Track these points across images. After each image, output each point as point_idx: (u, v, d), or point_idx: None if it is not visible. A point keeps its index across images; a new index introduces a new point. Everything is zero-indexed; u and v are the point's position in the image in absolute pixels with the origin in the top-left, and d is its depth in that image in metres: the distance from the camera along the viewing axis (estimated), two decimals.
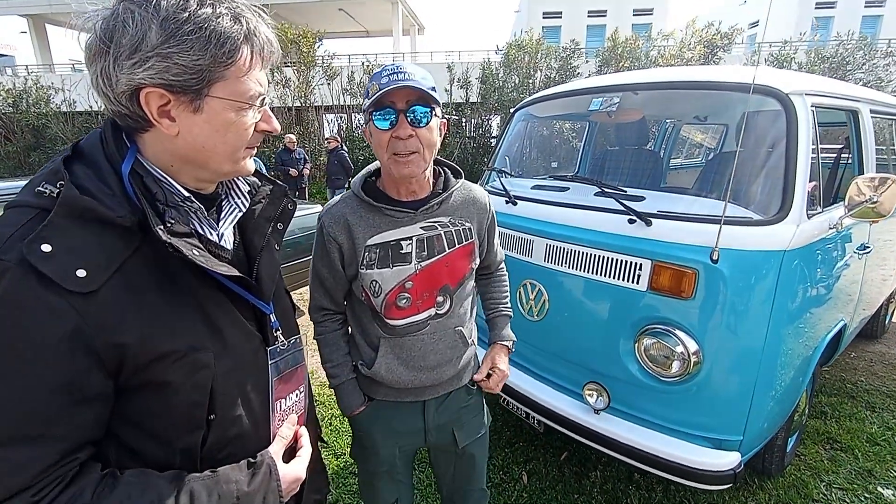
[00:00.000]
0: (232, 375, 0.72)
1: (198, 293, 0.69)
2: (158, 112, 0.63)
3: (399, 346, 1.21)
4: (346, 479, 2.26)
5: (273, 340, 0.82)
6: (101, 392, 0.60)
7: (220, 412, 0.71)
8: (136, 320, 0.61)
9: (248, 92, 0.67)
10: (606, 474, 2.23)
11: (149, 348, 0.62)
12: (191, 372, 0.66)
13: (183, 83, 0.62)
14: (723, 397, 1.63)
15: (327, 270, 1.20)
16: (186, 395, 0.66)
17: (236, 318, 0.74)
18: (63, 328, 0.56)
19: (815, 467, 2.30)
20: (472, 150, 12.26)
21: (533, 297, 2.01)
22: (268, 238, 0.83)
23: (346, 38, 24.99)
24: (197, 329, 0.68)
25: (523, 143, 3.09)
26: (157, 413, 0.66)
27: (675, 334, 1.61)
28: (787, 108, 1.68)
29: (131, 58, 0.59)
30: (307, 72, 12.58)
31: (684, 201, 1.87)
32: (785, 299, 1.60)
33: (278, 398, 0.82)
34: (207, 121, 0.65)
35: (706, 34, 12.03)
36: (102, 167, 0.64)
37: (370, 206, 1.15)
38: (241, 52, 0.65)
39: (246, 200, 0.82)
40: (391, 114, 1.03)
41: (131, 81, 0.60)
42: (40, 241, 0.55)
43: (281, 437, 0.81)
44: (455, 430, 1.34)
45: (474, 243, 1.25)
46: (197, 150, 0.67)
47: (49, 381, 0.56)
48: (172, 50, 0.59)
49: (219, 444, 0.72)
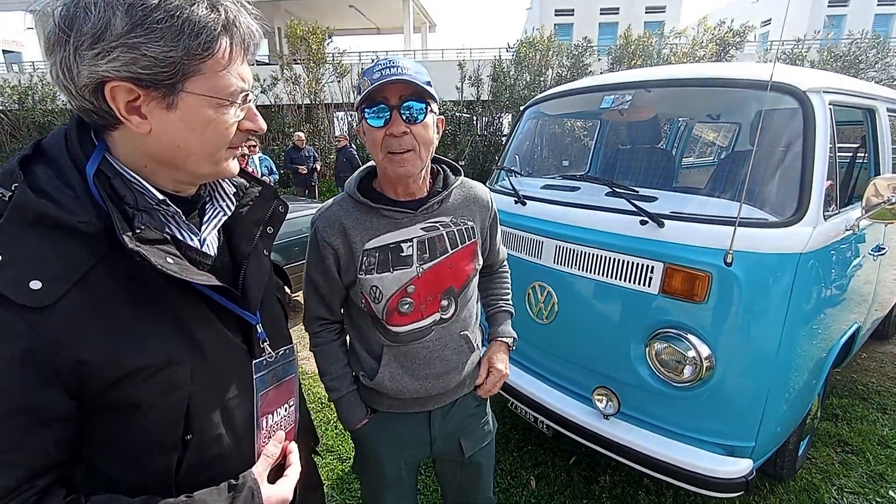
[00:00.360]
0: (212, 391, 0.67)
1: (174, 304, 0.64)
2: (127, 108, 0.57)
3: (403, 355, 1.15)
4: (351, 484, 2.24)
5: (260, 352, 0.76)
6: (62, 413, 0.55)
7: (199, 431, 0.65)
8: (101, 336, 0.56)
9: (229, 88, 0.62)
10: (616, 479, 2.20)
11: (115, 366, 0.57)
12: (165, 390, 0.61)
13: (153, 77, 0.56)
14: (735, 403, 1.59)
15: (322, 277, 1.14)
16: (160, 415, 0.61)
17: (218, 329, 0.69)
18: (14, 347, 0.51)
19: (826, 471, 2.25)
20: (482, 149, 12.20)
21: (542, 300, 1.98)
22: (256, 243, 0.78)
23: (356, 35, 25.04)
24: (172, 343, 0.63)
25: (533, 141, 3.06)
26: (127, 434, 0.61)
27: (687, 339, 1.58)
28: (805, 105, 1.63)
29: (93, 47, 0.53)
30: (317, 69, 12.59)
31: (697, 202, 1.83)
32: (800, 303, 1.56)
33: (265, 413, 0.77)
34: (183, 118, 0.60)
35: (718, 32, 11.87)
36: (65, 168, 0.58)
37: (367, 207, 1.09)
38: (219, 43, 0.59)
39: (231, 203, 0.77)
40: (384, 110, 0.98)
41: (94, 74, 0.54)
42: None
43: (266, 455, 0.75)
44: (462, 438, 1.29)
45: (477, 242, 1.21)
46: (172, 149, 0.62)
47: (1, 404, 0.51)
48: (140, 40, 0.54)
49: (197, 465, 0.66)
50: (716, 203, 1.77)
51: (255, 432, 0.75)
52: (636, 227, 1.70)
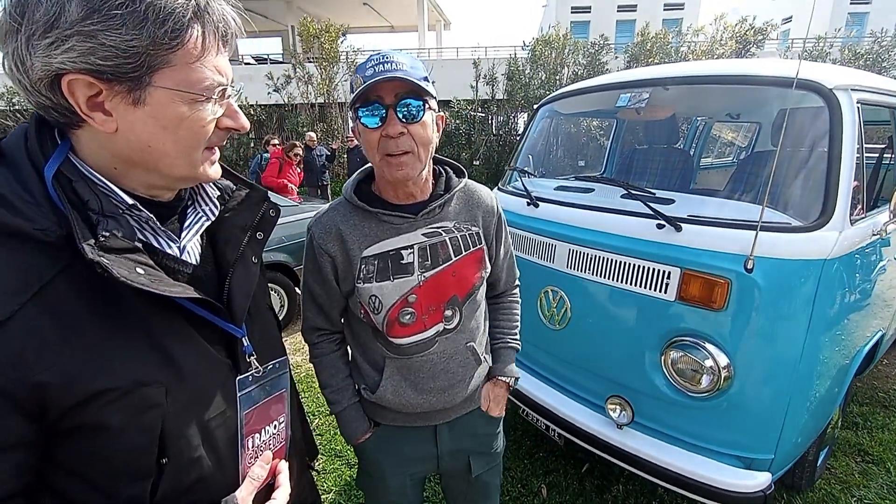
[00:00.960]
0: (190, 411, 0.62)
1: (147, 318, 0.59)
2: (88, 104, 0.52)
3: (406, 368, 1.09)
4: (359, 491, 2.22)
5: (246, 367, 0.71)
6: (21, 439, 0.51)
7: (175, 455, 0.61)
8: (61, 355, 0.51)
9: (203, 82, 0.56)
10: (629, 489, 2.15)
11: (78, 387, 0.52)
12: (136, 412, 0.56)
13: (115, 69, 0.51)
14: (754, 414, 1.53)
15: (320, 286, 1.09)
16: (131, 438, 0.56)
17: (198, 344, 0.64)
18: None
19: (845, 481, 2.18)
20: (497, 148, 12.13)
21: (554, 305, 1.94)
22: (243, 250, 0.73)
23: (370, 33, 25.09)
24: (144, 361, 0.58)
25: (547, 141, 3.01)
26: (95, 459, 0.56)
27: (705, 347, 1.52)
28: (831, 104, 1.56)
29: (46, 36, 0.49)
30: (330, 67, 12.63)
31: (716, 205, 1.77)
32: (823, 311, 1.49)
33: (251, 433, 0.71)
34: (153, 115, 0.55)
35: (738, 29, 11.63)
36: (23, 170, 0.54)
37: (364, 212, 1.03)
38: (190, 32, 0.54)
39: (215, 207, 0.72)
40: (379, 109, 0.91)
41: (48, 66, 0.50)
42: None
43: (251, 478, 0.70)
44: (471, 457, 1.24)
45: (483, 249, 1.14)
46: (142, 150, 0.56)
47: None
48: (97, 27, 0.49)
49: (174, 491, 0.61)
50: (736, 206, 1.71)
51: (239, 453, 0.70)
52: (652, 231, 1.64)
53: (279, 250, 3.80)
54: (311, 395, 3.05)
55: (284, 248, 3.85)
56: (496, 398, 1.26)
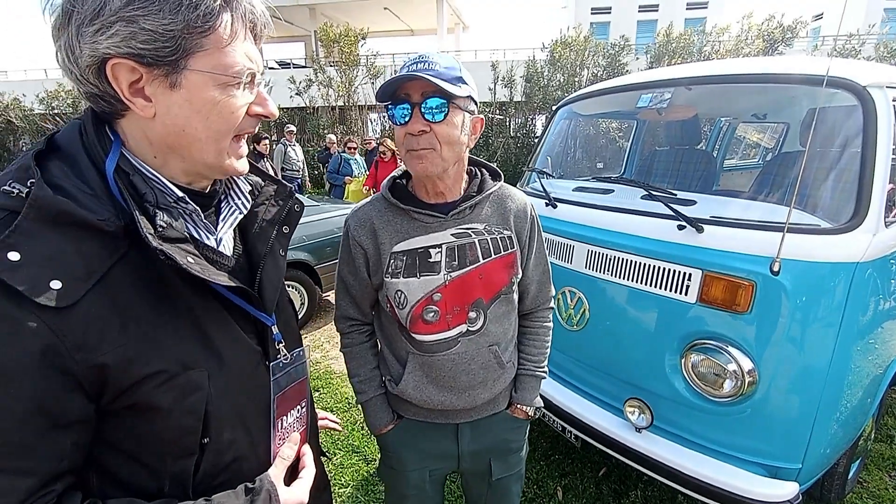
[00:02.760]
0: (228, 395, 0.65)
1: (192, 305, 0.62)
2: (130, 90, 0.56)
3: (428, 365, 1.11)
4: (376, 486, 2.23)
5: (275, 354, 0.75)
6: (81, 416, 0.54)
7: (216, 435, 0.64)
8: (120, 338, 0.54)
9: (234, 66, 0.59)
10: (648, 494, 2.11)
11: (134, 369, 0.55)
12: (182, 394, 0.60)
13: (155, 53, 0.54)
14: (780, 421, 1.49)
15: (353, 277, 1.12)
16: (177, 419, 0.60)
17: (235, 331, 0.68)
18: (34, 347, 0.49)
19: (878, 496, 2.09)
20: (515, 150, 12.09)
21: (572, 306, 1.92)
22: (272, 243, 0.76)
23: (389, 37, 25.31)
24: (190, 346, 0.61)
25: (566, 142, 2.98)
26: (144, 438, 0.59)
27: (728, 351, 1.48)
28: (865, 102, 1.51)
29: (93, 23, 0.52)
30: (350, 71, 12.77)
31: (740, 206, 1.73)
32: (855, 316, 1.44)
33: (280, 416, 0.75)
34: (187, 98, 0.58)
35: (766, 27, 11.33)
36: (81, 163, 0.57)
37: (397, 208, 1.07)
38: (221, 17, 0.57)
39: (247, 201, 0.75)
40: (407, 108, 0.95)
41: (95, 52, 0.53)
42: (7, 248, 0.49)
43: (282, 458, 0.74)
44: (493, 460, 1.24)
45: (515, 254, 1.13)
46: (177, 133, 0.59)
47: (18, 406, 0.49)
48: (138, 13, 0.52)
49: (214, 469, 0.65)
50: (761, 207, 1.67)
51: (271, 434, 0.74)
52: (673, 232, 1.61)
53: (300, 249, 3.86)
54: (328, 391, 3.08)
55: (305, 246, 3.90)
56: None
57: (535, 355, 1.26)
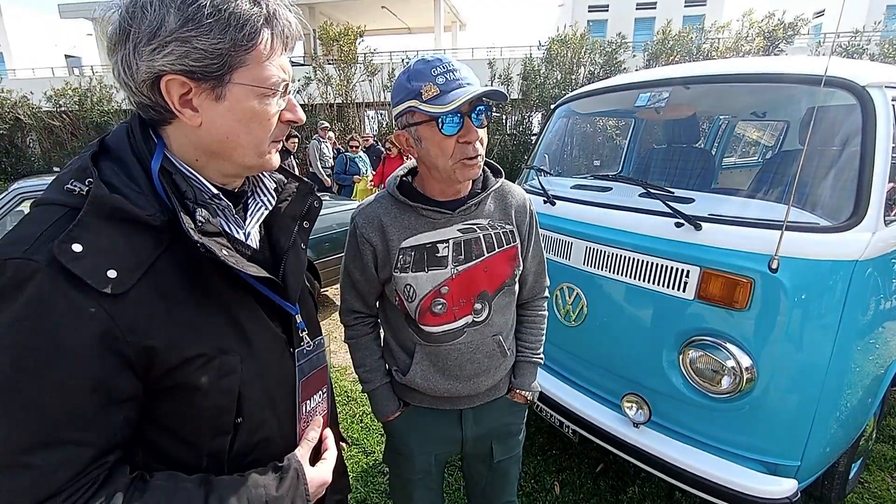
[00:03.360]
0: (258, 379, 0.70)
1: (225, 295, 0.67)
2: (180, 101, 0.61)
3: (435, 355, 1.16)
4: (375, 477, 2.26)
5: (299, 342, 0.80)
6: (131, 394, 0.59)
7: (248, 415, 0.69)
8: (165, 323, 0.60)
9: (271, 78, 0.64)
10: (645, 490, 2.12)
11: (177, 351, 0.61)
12: (218, 376, 0.65)
13: (204, 69, 0.59)
14: (779, 418, 1.49)
15: (360, 273, 1.16)
16: (214, 399, 0.65)
17: (262, 320, 0.73)
18: (94, 330, 0.54)
19: (880, 496, 2.10)
20: (511, 148, 12.09)
21: (570, 302, 1.92)
22: (294, 237, 0.81)
23: (387, 35, 25.25)
24: (224, 332, 0.66)
25: (564, 140, 2.98)
26: (185, 416, 0.65)
27: (726, 347, 1.49)
28: (864, 101, 1.51)
29: (150, 43, 0.57)
30: (348, 69, 12.77)
31: (738, 204, 1.73)
32: (855, 314, 1.44)
33: (304, 399, 0.81)
34: (230, 109, 0.63)
35: (767, 25, 11.31)
36: (130, 164, 0.62)
37: (405, 206, 1.10)
38: (262, 35, 0.62)
39: (272, 198, 0.80)
40: (458, 118, 0.96)
41: (151, 69, 0.58)
42: (71, 240, 0.54)
43: (307, 440, 0.80)
44: (494, 443, 1.30)
45: (517, 247, 1.18)
46: (221, 141, 0.65)
47: (80, 383, 0.54)
48: (191, 34, 0.58)
49: (245, 448, 0.70)
50: (759, 205, 1.67)
51: (296, 417, 0.79)
52: (671, 230, 1.62)
53: None
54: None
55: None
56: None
57: (533, 342, 1.32)
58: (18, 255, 0.53)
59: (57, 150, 14.82)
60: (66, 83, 14.22)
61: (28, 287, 0.52)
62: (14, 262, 0.53)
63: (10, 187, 3.37)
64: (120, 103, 14.50)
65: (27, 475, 0.52)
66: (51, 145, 14.84)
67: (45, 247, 0.53)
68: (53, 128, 14.37)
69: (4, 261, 0.53)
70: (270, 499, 0.66)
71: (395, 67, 12.83)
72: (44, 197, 0.59)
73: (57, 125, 14.27)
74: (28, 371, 0.52)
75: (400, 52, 14.10)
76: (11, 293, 0.52)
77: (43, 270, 0.53)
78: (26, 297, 0.52)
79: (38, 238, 0.54)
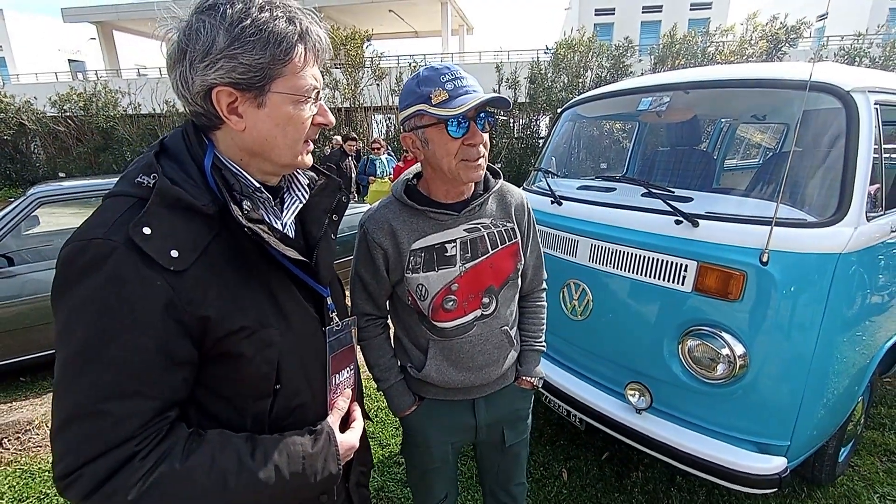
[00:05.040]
0: (294, 351, 0.79)
1: (266, 276, 0.76)
2: (228, 109, 0.70)
3: (448, 349, 1.23)
4: (391, 468, 2.37)
5: (329, 321, 0.88)
6: (188, 358, 0.67)
7: (285, 383, 0.78)
8: (217, 298, 0.68)
9: (304, 86, 0.73)
10: (648, 475, 2.23)
11: (226, 323, 0.69)
12: (260, 346, 0.73)
13: (248, 81, 0.68)
14: (770, 402, 1.60)
15: (371, 276, 1.21)
16: (257, 367, 0.73)
17: (298, 300, 0.81)
18: (160, 299, 0.63)
19: (869, 478, 2.20)
20: (519, 151, 12.18)
21: (576, 297, 2.04)
22: (325, 228, 0.90)
23: (394, 38, 25.43)
24: (265, 308, 0.74)
25: (570, 143, 3.10)
26: (231, 381, 0.73)
27: (721, 336, 1.60)
28: (848, 105, 1.63)
29: (203, 60, 0.66)
30: (355, 73, 12.91)
31: (733, 202, 1.85)
32: (839, 304, 1.55)
33: (333, 373, 0.89)
34: (269, 115, 0.71)
35: (770, 28, 11.36)
36: (186, 162, 0.72)
37: (413, 210, 1.16)
38: (297, 49, 0.70)
39: (306, 193, 0.89)
40: (464, 121, 1.03)
41: (204, 82, 0.67)
42: (142, 224, 0.63)
43: (337, 408, 0.88)
44: (505, 428, 1.38)
45: (518, 243, 1.26)
46: (261, 142, 0.73)
47: (149, 345, 0.63)
48: (237, 51, 0.66)
49: (283, 411, 0.79)
50: (752, 203, 1.78)
51: (327, 387, 0.87)
52: (671, 227, 1.73)
53: None
54: None
55: None
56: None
57: (535, 332, 1.41)
58: (100, 235, 0.63)
59: (62, 155, 14.87)
60: (70, 88, 14.32)
61: (108, 262, 0.61)
62: (97, 242, 0.62)
63: (28, 192, 3.47)
64: (125, 108, 14.63)
65: (106, 421, 0.61)
66: (55, 151, 14.91)
67: (121, 230, 0.63)
68: (58, 133, 14.47)
69: (89, 241, 0.63)
70: (306, 455, 0.74)
71: (402, 71, 12.97)
72: (115, 190, 0.70)
73: (62, 130, 14.38)
74: (108, 332, 0.61)
75: (407, 56, 14.24)
76: (95, 267, 0.61)
77: (120, 248, 0.62)
78: (106, 270, 0.61)
79: (114, 222, 0.64)
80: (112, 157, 14.33)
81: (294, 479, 0.72)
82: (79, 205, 3.63)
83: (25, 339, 3.22)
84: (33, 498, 2.26)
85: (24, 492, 2.30)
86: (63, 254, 0.64)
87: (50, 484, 2.35)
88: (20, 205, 3.32)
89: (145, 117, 14.67)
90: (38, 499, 2.26)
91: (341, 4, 18.42)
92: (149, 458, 0.62)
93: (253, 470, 0.68)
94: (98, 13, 21.21)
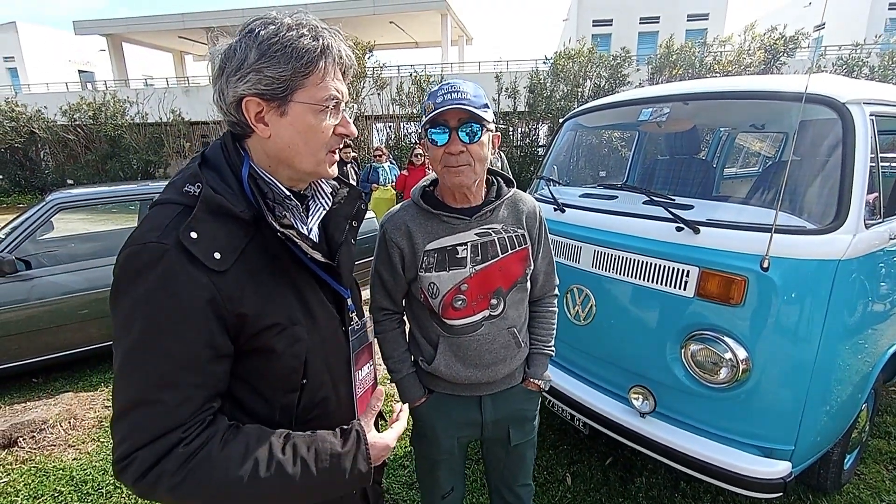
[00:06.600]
0: (320, 348, 0.84)
1: (295, 277, 0.81)
2: (255, 118, 0.76)
3: (457, 346, 1.29)
4: (396, 470, 2.39)
5: (349, 321, 0.93)
6: (228, 352, 0.73)
7: (311, 378, 0.83)
8: (253, 296, 0.74)
9: (324, 97, 0.78)
10: (652, 481, 2.24)
11: (261, 319, 0.74)
12: (290, 342, 0.78)
13: (272, 91, 0.74)
14: (773, 406, 1.63)
15: (389, 273, 1.30)
16: (287, 361, 0.78)
17: (322, 300, 0.87)
18: (205, 297, 0.69)
19: (875, 487, 2.21)
20: (518, 159, 12.29)
21: (580, 302, 2.07)
22: (346, 234, 0.95)
23: (395, 49, 25.71)
24: (294, 307, 0.80)
25: (572, 152, 3.15)
26: (263, 375, 0.78)
27: (724, 341, 1.63)
28: (844, 116, 1.67)
29: (236, 74, 0.74)
30: (357, 83, 13.07)
31: (734, 210, 1.88)
32: (839, 310, 1.58)
33: (356, 370, 0.94)
34: (292, 123, 0.77)
35: (768, 38, 11.49)
36: (225, 172, 0.78)
37: (428, 213, 1.25)
38: (318, 63, 0.76)
39: (329, 200, 0.95)
40: (445, 131, 1.14)
41: (236, 93, 0.74)
42: (190, 229, 0.70)
43: (371, 408, 0.93)
44: (511, 427, 1.42)
45: (528, 249, 1.32)
46: (284, 149, 0.79)
47: (196, 338, 0.68)
48: (264, 65, 0.73)
49: (310, 404, 0.84)
50: (752, 211, 1.82)
51: (351, 382, 0.93)
52: (672, 234, 1.77)
53: None
54: None
55: None
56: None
57: (544, 336, 1.45)
58: (154, 239, 0.69)
59: (70, 162, 15.21)
60: (80, 98, 14.66)
61: (161, 263, 0.67)
62: (151, 245, 0.68)
63: (46, 198, 3.56)
64: (133, 117, 14.88)
65: (159, 408, 0.66)
66: (64, 158, 15.24)
67: (172, 233, 0.69)
68: (67, 141, 14.81)
69: (145, 243, 0.69)
70: (335, 453, 0.77)
71: (402, 81, 13.11)
72: (163, 198, 0.76)
73: (71, 139, 14.72)
74: (162, 325, 0.67)
75: (407, 66, 14.40)
76: (150, 266, 0.67)
77: (171, 250, 0.68)
78: (160, 270, 0.67)
79: (166, 227, 0.70)
80: (119, 164, 14.63)
81: (322, 475, 0.75)
82: (88, 211, 3.69)
83: (41, 342, 3.30)
84: (48, 496, 2.30)
85: (40, 489, 2.34)
86: (122, 257, 0.70)
87: (64, 482, 2.39)
88: (39, 210, 3.41)
89: (151, 126, 14.97)
90: (53, 497, 2.29)
91: (344, 17, 18.66)
92: (192, 444, 0.67)
93: (283, 463, 0.72)
94: (108, 26, 21.77)
